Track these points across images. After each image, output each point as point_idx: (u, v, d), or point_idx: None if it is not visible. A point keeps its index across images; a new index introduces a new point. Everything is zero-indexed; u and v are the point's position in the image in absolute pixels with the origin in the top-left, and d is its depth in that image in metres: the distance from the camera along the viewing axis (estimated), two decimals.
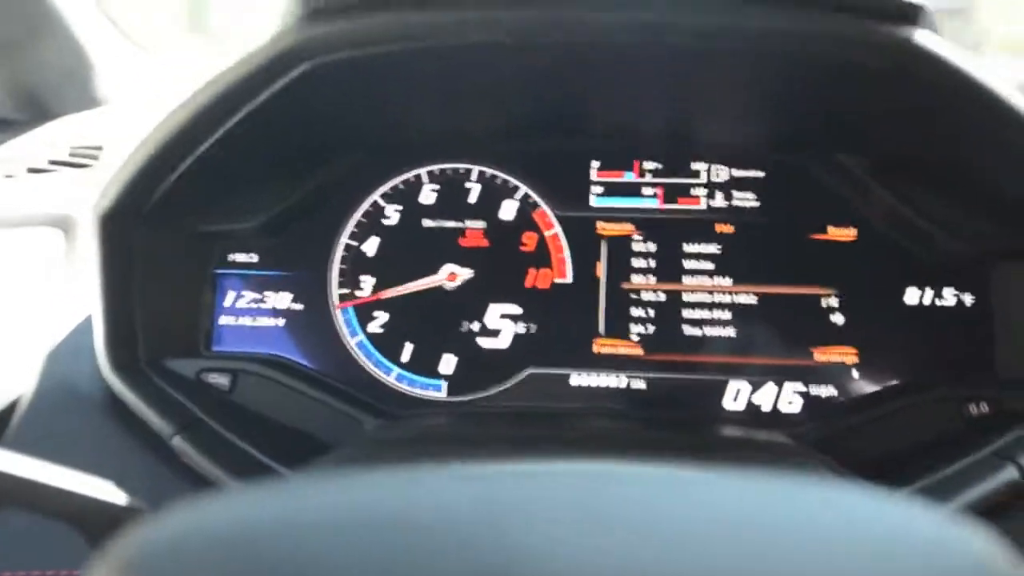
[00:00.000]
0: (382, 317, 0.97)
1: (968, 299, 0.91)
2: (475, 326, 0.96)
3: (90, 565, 0.32)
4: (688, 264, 0.95)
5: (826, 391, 0.92)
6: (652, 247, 0.96)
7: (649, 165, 0.97)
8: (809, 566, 0.30)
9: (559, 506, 0.32)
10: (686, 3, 0.73)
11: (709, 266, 0.95)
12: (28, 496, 0.48)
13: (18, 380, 0.89)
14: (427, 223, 0.98)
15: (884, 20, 0.70)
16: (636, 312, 0.95)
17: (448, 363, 0.96)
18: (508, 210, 0.97)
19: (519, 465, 0.35)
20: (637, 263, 0.96)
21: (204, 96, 0.76)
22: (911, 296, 0.92)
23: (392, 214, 0.98)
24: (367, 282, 0.97)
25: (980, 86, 0.72)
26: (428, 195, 0.98)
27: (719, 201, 0.96)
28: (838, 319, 0.93)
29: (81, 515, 0.48)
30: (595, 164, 0.98)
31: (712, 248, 0.95)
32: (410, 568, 0.29)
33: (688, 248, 0.96)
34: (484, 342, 0.95)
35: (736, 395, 0.93)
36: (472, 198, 0.98)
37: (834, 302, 0.93)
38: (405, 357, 0.96)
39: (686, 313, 0.95)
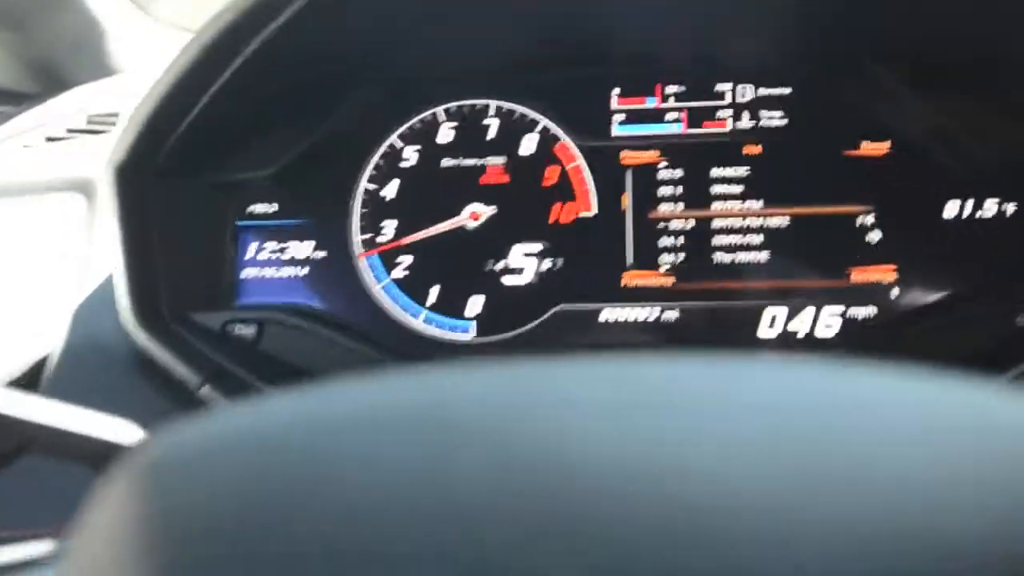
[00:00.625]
0: (406, 261, 0.95)
1: (1011, 208, 0.87)
2: (501, 265, 0.94)
3: (113, 470, 0.30)
4: (717, 189, 0.92)
5: (865, 312, 0.89)
6: (678, 174, 0.93)
7: (671, 89, 0.94)
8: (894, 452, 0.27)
9: (602, 396, 0.29)
10: None
11: (738, 190, 0.92)
12: (54, 441, 0.47)
13: (46, 339, 0.88)
14: (446, 162, 0.95)
15: None
16: (665, 242, 0.92)
17: (475, 304, 0.94)
18: (528, 144, 0.95)
19: (555, 361, 0.32)
20: (664, 191, 0.93)
21: (207, 36, 0.74)
22: (951, 209, 0.88)
23: (410, 155, 0.96)
24: (389, 226, 0.95)
25: None
26: (446, 134, 0.96)
27: (746, 122, 0.93)
28: (875, 237, 0.89)
29: (105, 460, 0.47)
30: (615, 91, 0.95)
31: (741, 171, 0.92)
32: (443, 462, 0.26)
33: (716, 173, 0.93)
34: (510, 281, 0.93)
35: (772, 322, 0.90)
36: (491, 134, 0.95)
37: (870, 220, 0.90)
38: (432, 300, 0.94)
39: (717, 240, 0.92)
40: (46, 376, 0.85)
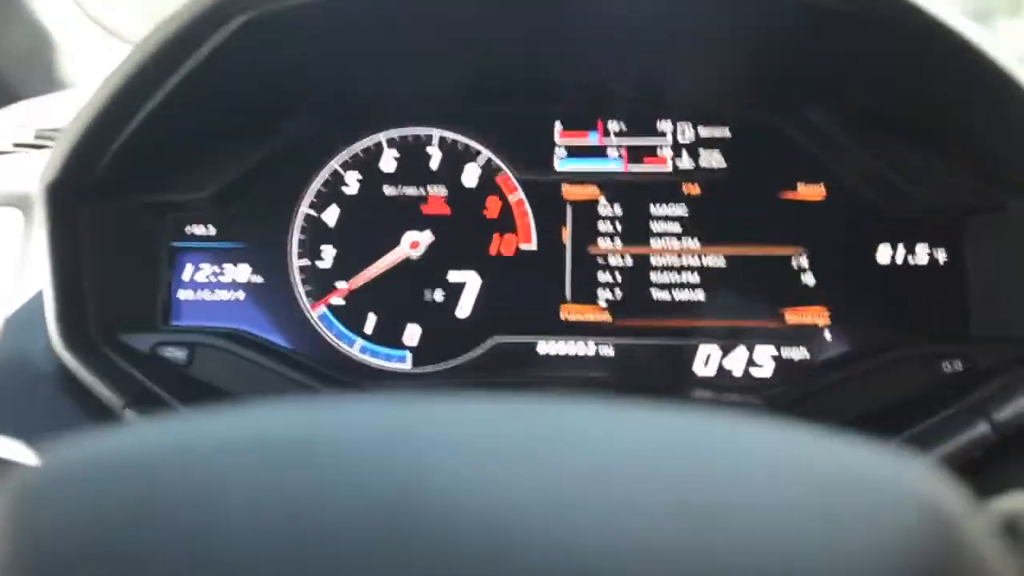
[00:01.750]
0: (344, 288, 0.94)
1: (941, 256, 0.89)
2: (439, 295, 0.93)
3: None
4: (655, 227, 0.93)
5: (798, 353, 0.90)
6: (618, 210, 0.94)
7: (613, 125, 0.95)
8: (742, 500, 0.28)
9: (469, 437, 0.30)
10: None
11: (677, 228, 0.93)
12: None
13: None
14: (388, 190, 0.95)
15: None
16: (603, 277, 0.93)
17: (412, 333, 0.93)
18: (471, 175, 0.95)
19: (433, 399, 0.33)
20: (603, 227, 0.93)
21: (138, 56, 0.73)
22: (883, 254, 0.90)
23: (352, 182, 0.95)
24: (328, 252, 0.94)
25: (952, 31, 0.70)
26: (389, 162, 0.96)
27: (685, 161, 0.94)
28: (809, 279, 0.91)
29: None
30: (558, 125, 0.95)
31: (679, 210, 0.93)
32: (309, 493, 0.27)
33: (655, 210, 0.93)
34: (448, 311, 0.93)
35: (707, 360, 0.91)
36: (434, 164, 0.95)
37: (804, 262, 0.91)
38: (368, 328, 0.94)
39: (654, 277, 0.92)
40: None
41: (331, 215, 0.95)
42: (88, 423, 0.81)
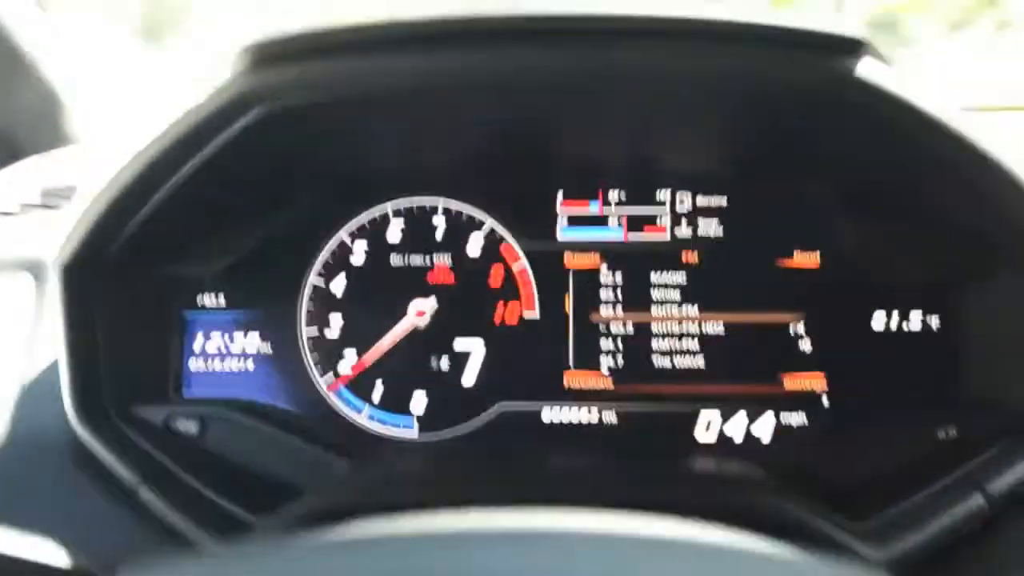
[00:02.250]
0: (352, 356, 0.96)
1: (935, 323, 0.91)
2: (445, 363, 0.95)
3: None
4: (655, 294, 0.95)
5: (797, 418, 0.92)
6: (619, 278, 0.96)
7: (613, 195, 0.97)
8: None
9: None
10: (638, 47, 0.73)
11: (676, 296, 0.95)
12: None
13: None
14: (394, 260, 0.97)
15: (825, 53, 0.71)
16: (605, 344, 0.95)
17: (419, 401, 0.95)
18: (474, 244, 0.97)
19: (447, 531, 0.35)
20: (605, 295, 0.96)
21: (157, 146, 0.75)
22: (878, 321, 0.92)
23: (359, 252, 0.98)
24: (335, 321, 0.97)
25: (919, 111, 0.72)
26: (394, 232, 0.98)
27: (684, 230, 0.96)
28: (806, 345, 0.93)
29: None
30: (560, 195, 0.97)
31: (678, 278, 0.95)
32: None
33: (655, 278, 0.96)
34: (454, 379, 0.95)
35: (708, 425, 0.93)
36: (439, 234, 0.98)
37: (801, 328, 0.93)
38: (376, 396, 0.96)
39: (655, 344, 0.95)
40: None
41: (338, 285, 0.97)
42: (103, 499, 0.83)
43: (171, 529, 0.79)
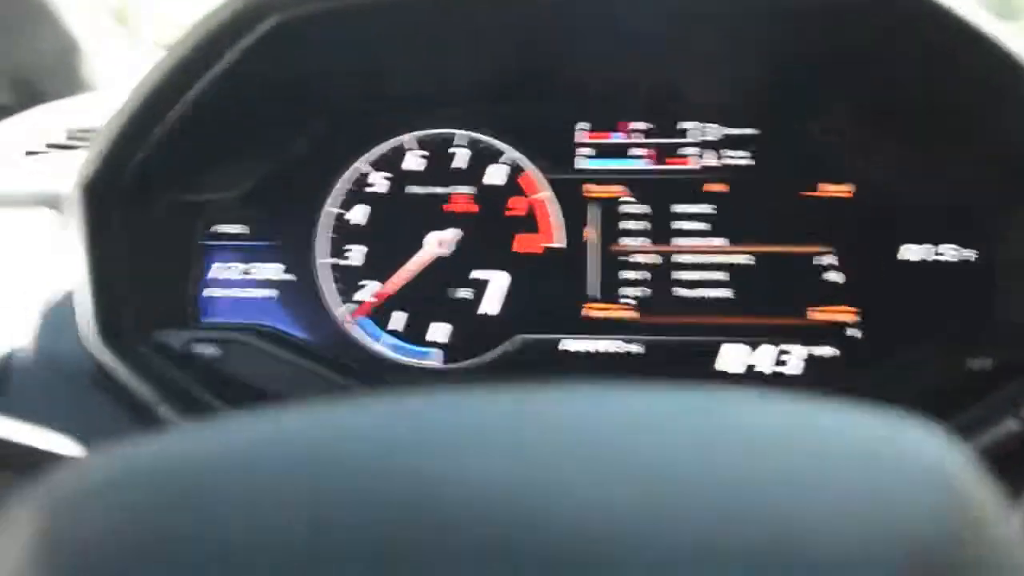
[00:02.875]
0: (372, 286, 0.95)
1: (968, 253, 0.89)
2: (465, 293, 0.94)
3: (14, 502, 0.31)
4: (681, 225, 0.94)
5: (825, 351, 0.90)
6: (643, 208, 0.94)
7: (638, 125, 0.95)
8: (749, 471, 0.29)
9: (485, 429, 0.31)
10: None
11: (702, 226, 0.93)
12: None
13: (7, 352, 0.88)
14: (413, 189, 0.96)
15: None
16: (628, 275, 0.93)
17: (439, 331, 0.94)
18: (495, 174, 0.96)
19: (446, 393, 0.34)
20: (628, 225, 0.94)
21: (171, 58, 0.75)
22: (910, 252, 0.90)
23: (378, 181, 0.96)
24: (356, 251, 0.96)
25: (972, 27, 0.70)
26: (414, 161, 0.97)
27: (711, 160, 0.94)
28: (835, 277, 0.91)
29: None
30: (582, 126, 0.96)
31: (705, 208, 0.94)
32: (328, 494, 0.28)
33: (680, 209, 0.94)
34: (474, 308, 0.94)
35: (734, 356, 0.91)
36: (459, 163, 0.96)
37: (831, 260, 0.91)
38: (397, 325, 0.95)
39: (679, 275, 0.93)
40: (9, 389, 0.85)
41: (359, 214, 0.96)
42: (123, 420, 0.83)
43: None
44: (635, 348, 0.92)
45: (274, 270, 0.95)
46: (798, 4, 0.78)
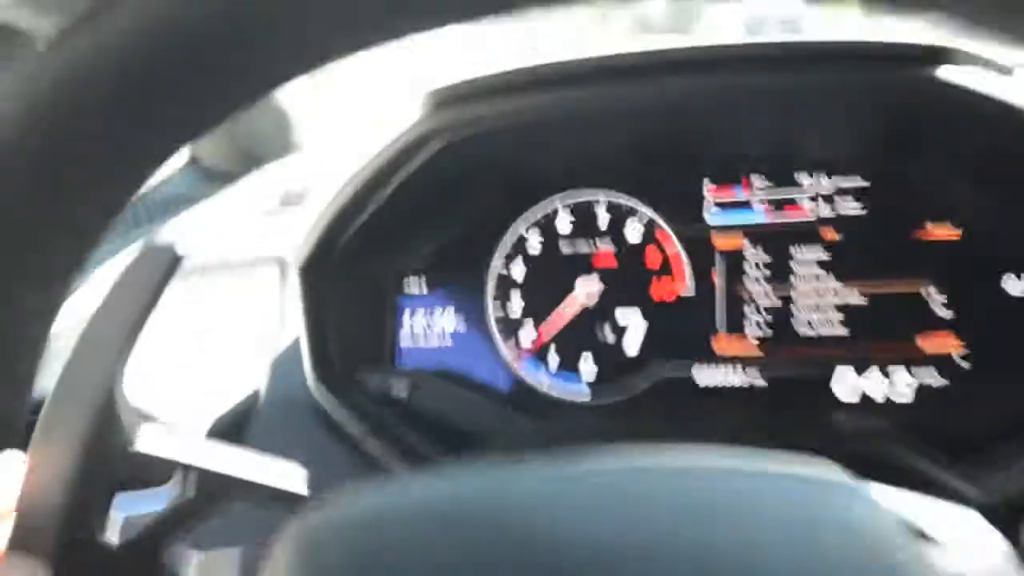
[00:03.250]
0: (531, 331, 1.14)
1: None
2: (610, 334, 1.11)
3: (281, 534, 0.42)
4: (797, 268, 1.06)
5: (934, 380, 1.00)
6: (764, 256, 1.07)
7: (757, 181, 1.08)
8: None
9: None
10: (771, 69, 0.87)
11: (816, 269, 1.05)
12: (247, 493, 0.66)
13: (250, 389, 1.13)
14: (564, 247, 1.14)
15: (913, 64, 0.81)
16: (751, 314, 1.07)
17: (588, 370, 1.11)
18: (633, 232, 1.12)
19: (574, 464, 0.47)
20: (750, 271, 1.07)
21: (363, 173, 0.96)
22: (1014, 286, 0.98)
23: (533, 242, 1.14)
24: (516, 302, 1.14)
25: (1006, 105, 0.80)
26: (563, 223, 1.14)
27: (824, 210, 1.06)
28: (943, 312, 1.00)
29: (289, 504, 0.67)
30: (708, 183, 1.10)
31: (820, 253, 1.05)
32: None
33: (796, 254, 1.06)
34: (618, 347, 1.10)
35: (848, 386, 1.03)
36: (602, 223, 1.13)
37: (938, 295, 1.00)
38: (553, 365, 1.13)
39: (797, 313, 1.05)
40: (250, 420, 1.10)
41: (517, 270, 1.14)
42: (335, 448, 1.05)
43: (391, 472, 1.00)
44: (758, 382, 1.06)
45: (451, 320, 1.16)
46: (899, 83, 0.90)
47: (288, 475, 0.69)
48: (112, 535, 0.58)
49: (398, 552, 0.40)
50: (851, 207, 1.05)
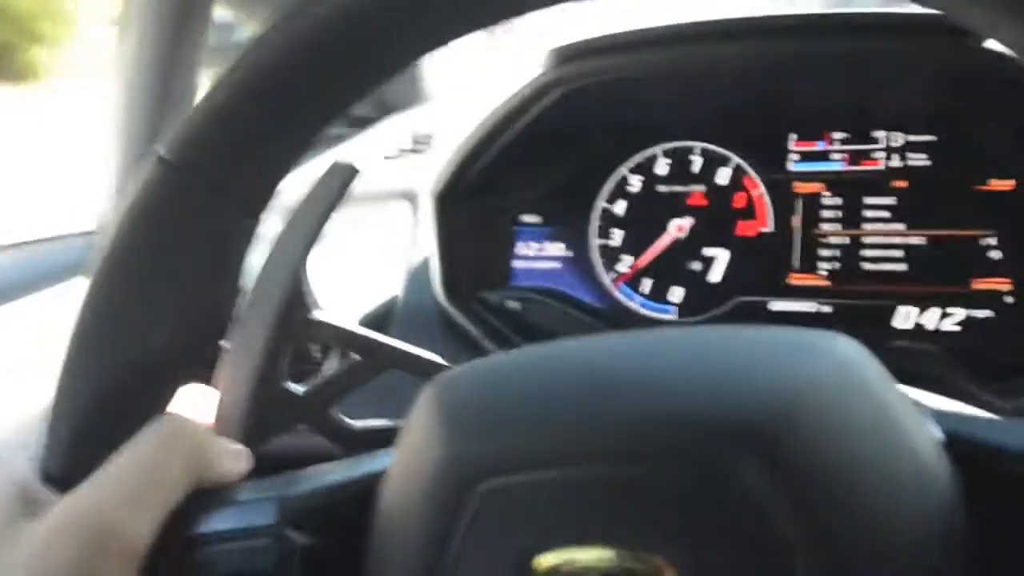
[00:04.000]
0: (628, 260, 1.31)
1: None
2: (697, 265, 1.27)
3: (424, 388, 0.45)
4: (868, 214, 1.20)
5: (983, 314, 1.13)
6: (839, 201, 1.21)
7: (837, 135, 1.22)
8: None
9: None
10: (850, 34, 1.03)
11: (886, 215, 1.19)
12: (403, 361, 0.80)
13: (388, 296, 1.34)
14: (661, 188, 1.30)
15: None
16: (824, 252, 1.21)
17: (677, 294, 1.28)
18: (723, 176, 1.27)
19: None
20: (826, 214, 1.22)
21: (488, 120, 1.15)
22: None
23: (635, 183, 1.31)
24: (616, 234, 1.31)
25: None
26: (662, 168, 1.30)
27: (896, 162, 1.19)
28: (996, 255, 1.13)
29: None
30: (792, 136, 1.24)
31: (889, 200, 1.19)
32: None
33: (868, 201, 1.20)
34: (703, 277, 1.27)
35: (906, 317, 1.17)
36: (695, 168, 1.29)
37: (993, 241, 1.13)
38: (645, 289, 1.30)
39: (865, 252, 1.20)
40: (386, 324, 1.31)
41: (620, 207, 1.32)
42: (460, 354, 1.25)
43: None
44: (826, 309, 1.21)
45: (560, 248, 1.34)
46: (964, 52, 1.03)
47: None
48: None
49: (528, 393, 0.42)
50: (919, 159, 1.18)
